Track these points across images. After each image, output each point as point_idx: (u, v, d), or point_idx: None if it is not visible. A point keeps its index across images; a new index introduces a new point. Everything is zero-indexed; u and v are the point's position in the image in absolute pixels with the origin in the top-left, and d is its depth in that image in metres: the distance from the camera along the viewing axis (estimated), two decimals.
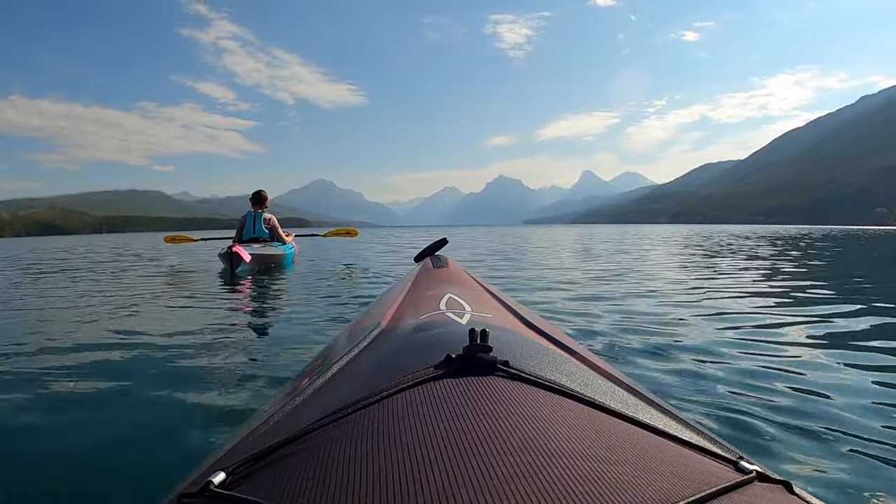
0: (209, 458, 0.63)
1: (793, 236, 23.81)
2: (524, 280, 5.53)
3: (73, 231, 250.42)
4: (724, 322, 3.10)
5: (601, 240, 18.37)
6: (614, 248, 12.22)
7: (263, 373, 2.13)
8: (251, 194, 7.39)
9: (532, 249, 12.24)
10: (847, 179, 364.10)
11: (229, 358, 2.35)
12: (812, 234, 27.20)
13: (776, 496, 0.44)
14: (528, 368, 0.59)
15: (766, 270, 6.64)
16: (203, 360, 2.29)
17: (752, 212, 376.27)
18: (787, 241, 18.31)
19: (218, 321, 3.32)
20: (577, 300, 3.94)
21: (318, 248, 12.27)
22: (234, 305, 4.06)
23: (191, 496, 0.42)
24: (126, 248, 16.80)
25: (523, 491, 0.35)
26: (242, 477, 0.46)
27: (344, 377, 0.73)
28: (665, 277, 5.74)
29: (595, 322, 3.02)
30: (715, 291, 4.56)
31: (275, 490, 0.41)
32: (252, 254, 6.17)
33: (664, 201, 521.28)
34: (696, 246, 13.99)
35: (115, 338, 2.77)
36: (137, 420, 1.68)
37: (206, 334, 2.86)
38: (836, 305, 3.81)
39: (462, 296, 1.19)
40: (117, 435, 1.56)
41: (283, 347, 2.53)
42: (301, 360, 2.28)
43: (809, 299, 4.19)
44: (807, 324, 3.08)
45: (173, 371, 2.15)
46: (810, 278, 5.65)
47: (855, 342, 2.63)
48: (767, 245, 14.73)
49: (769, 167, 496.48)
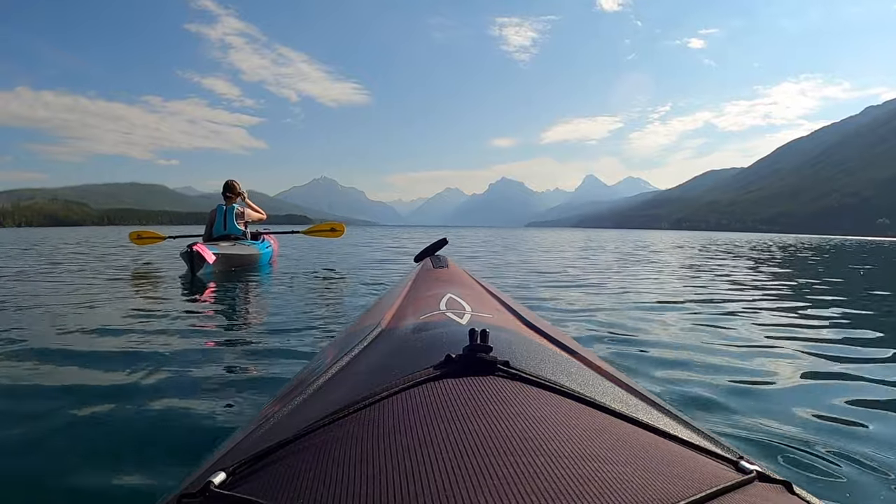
0: (209, 458, 0.62)
1: (811, 246, 23.77)
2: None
3: (73, 223, 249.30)
4: (729, 324, 3.11)
5: (630, 244, 18.44)
6: (644, 254, 12.05)
7: (263, 373, 2.12)
8: (223, 184, 6.65)
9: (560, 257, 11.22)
10: (850, 189, 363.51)
11: (228, 358, 2.35)
12: (829, 244, 26.96)
13: (776, 496, 0.43)
14: (528, 369, 0.59)
15: (781, 279, 6.59)
16: (203, 360, 2.30)
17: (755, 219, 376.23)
18: (800, 248, 18.26)
19: (217, 321, 3.29)
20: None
21: (306, 247, 11.82)
22: (231, 304, 4.01)
23: (191, 496, 0.42)
24: (114, 241, 16.39)
25: (524, 491, 0.35)
26: (242, 477, 0.45)
27: (344, 377, 0.72)
28: (677, 283, 5.74)
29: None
30: (725, 296, 4.59)
31: (275, 490, 0.41)
32: (218, 254, 5.57)
33: (667, 206, 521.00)
34: (706, 252, 13.92)
35: (115, 338, 2.75)
36: (137, 420, 1.68)
37: (204, 334, 2.83)
38: (843, 312, 3.79)
39: (462, 296, 1.19)
40: (117, 435, 1.56)
41: (283, 347, 2.51)
42: (300, 360, 2.28)
43: (818, 305, 4.17)
44: (815, 327, 3.09)
45: (172, 371, 2.15)
46: (829, 292, 5.53)
47: (860, 348, 2.62)
48: (780, 253, 14.70)
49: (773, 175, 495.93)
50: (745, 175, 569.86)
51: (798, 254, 14.75)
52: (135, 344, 2.61)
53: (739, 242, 26.60)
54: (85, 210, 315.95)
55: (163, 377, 2.08)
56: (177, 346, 2.56)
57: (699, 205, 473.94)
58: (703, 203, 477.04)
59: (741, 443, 1.42)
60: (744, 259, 11.06)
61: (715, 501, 0.38)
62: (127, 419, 1.68)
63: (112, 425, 1.64)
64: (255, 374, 2.14)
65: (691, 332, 2.93)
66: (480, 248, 13.81)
